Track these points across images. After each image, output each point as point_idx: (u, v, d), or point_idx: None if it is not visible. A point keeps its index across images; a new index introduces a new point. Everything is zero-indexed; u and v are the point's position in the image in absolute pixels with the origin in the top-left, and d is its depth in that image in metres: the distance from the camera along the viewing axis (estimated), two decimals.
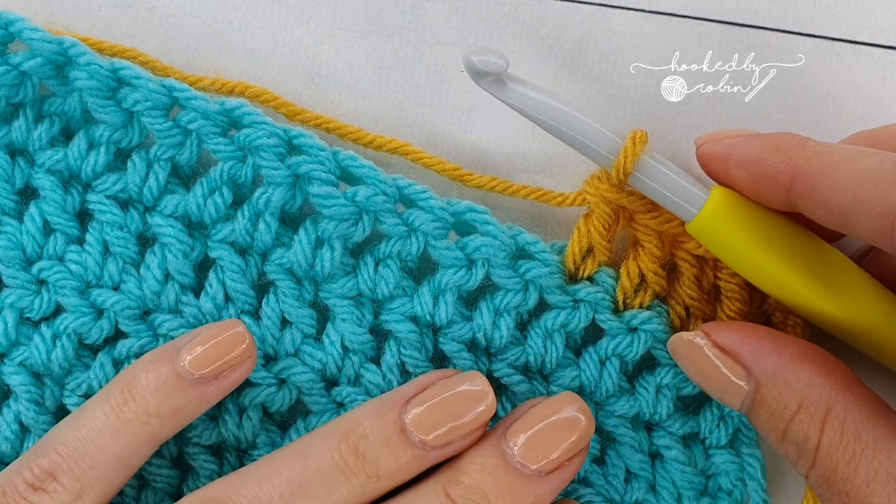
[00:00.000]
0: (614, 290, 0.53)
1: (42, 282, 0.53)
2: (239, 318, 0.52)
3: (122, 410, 0.48)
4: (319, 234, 0.51)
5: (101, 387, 0.52)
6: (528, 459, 0.48)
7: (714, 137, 0.50)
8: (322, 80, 0.55)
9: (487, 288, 0.53)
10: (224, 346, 0.49)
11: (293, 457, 0.48)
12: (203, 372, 0.48)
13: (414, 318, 0.53)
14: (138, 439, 0.48)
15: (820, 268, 0.48)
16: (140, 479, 0.53)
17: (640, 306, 0.53)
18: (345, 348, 0.53)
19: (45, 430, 0.51)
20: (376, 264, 0.52)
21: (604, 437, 0.55)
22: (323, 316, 0.53)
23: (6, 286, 0.53)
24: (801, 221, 0.48)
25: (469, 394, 0.49)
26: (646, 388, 0.53)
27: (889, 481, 0.43)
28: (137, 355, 0.52)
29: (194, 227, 0.53)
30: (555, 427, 0.49)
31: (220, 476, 0.52)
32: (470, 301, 0.53)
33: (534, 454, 0.48)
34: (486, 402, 0.49)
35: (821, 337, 0.51)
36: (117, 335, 0.53)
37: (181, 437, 0.53)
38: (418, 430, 0.48)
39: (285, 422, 0.54)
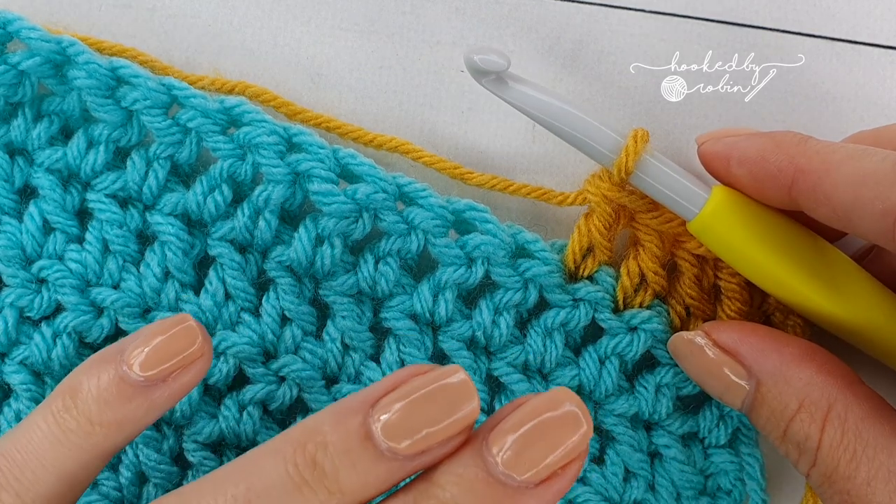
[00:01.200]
0: (614, 290, 0.53)
1: (42, 281, 0.53)
2: (239, 314, 0.53)
3: (63, 419, 0.44)
4: (319, 231, 0.51)
5: None
6: (514, 469, 0.40)
7: (715, 136, 0.50)
8: (322, 80, 0.55)
9: (487, 286, 0.53)
10: (172, 344, 0.45)
11: (242, 471, 0.41)
12: (149, 374, 0.44)
13: (414, 316, 0.53)
14: (83, 451, 0.44)
15: (821, 267, 0.48)
16: (140, 477, 0.53)
17: (641, 305, 0.53)
18: (345, 346, 0.53)
19: None
20: (376, 262, 0.52)
21: (603, 436, 0.55)
22: (323, 313, 0.53)
23: (6, 285, 0.53)
24: (802, 220, 0.48)
25: (448, 392, 0.41)
26: (645, 388, 0.53)
27: (890, 479, 0.43)
28: None
29: (194, 225, 0.53)
30: (545, 428, 0.40)
31: None
32: (470, 299, 0.53)
33: (521, 462, 0.40)
34: (470, 402, 0.41)
35: (821, 337, 0.51)
36: (118, 333, 0.53)
37: (181, 434, 0.53)
38: (388, 437, 0.40)
39: (285, 419, 0.54)
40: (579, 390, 0.53)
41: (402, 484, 0.42)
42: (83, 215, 0.53)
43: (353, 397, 0.42)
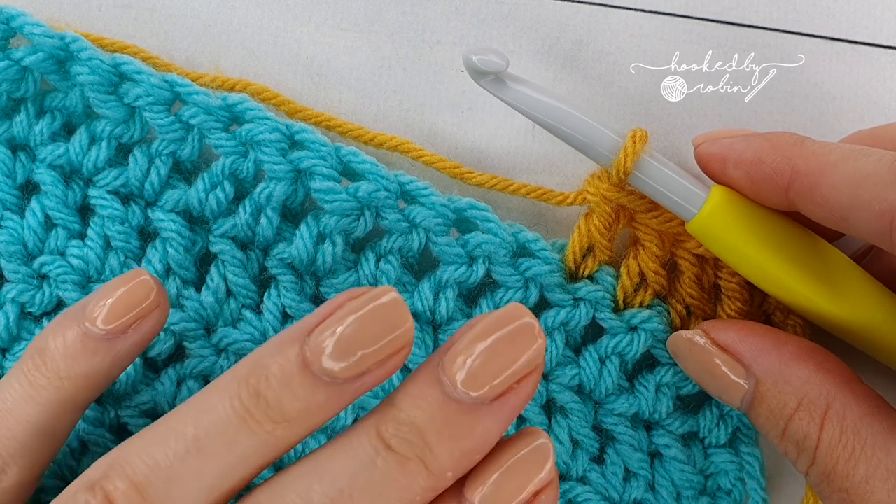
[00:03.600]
0: (614, 289, 0.53)
1: (43, 276, 0.53)
2: (241, 311, 0.53)
3: (34, 377, 0.46)
4: (321, 229, 0.51)
5: None
6: (469, 387, 0.40)
7: (712, 137, 0.50)
8: (322, 80, 0.55)
9: (488, 285, 0.53)
10: (130, 297, 0.46)
11: (190, 411, 0.42)
12: (110, 328, 0.46)
13: (414, 314, 0.53)
14: (55, 405, 0.46)
15: (820, 267, 0.48)
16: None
17: (641, 305, 0.53)
18: None
19: None
20: (377, 260, 0.52)
21: (603, 435, 0.55)
22: None
23: (7, 281, 0.53)
24: (800, 220, 0.48)
25: (381, 313, 0.41)
26: (645, 387, 0.53)
27: (888, 478, 0.43)
28: None
29: (196, 221, 0.53)
30: (498, 346, 0.41)
31: None
32: (470, 298, 0.53)
33: (475, 380, 0.40)
34: (404, 322, 0.41)
35: (821, 336, 0.51)
36: None
37: None
38: (323, 362, 0.40)
39: None
40: (579, 390, 0.54)
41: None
42: (85, 211, 0.53)
43: (290, 328, 0.42)
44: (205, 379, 0.53)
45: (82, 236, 0.53)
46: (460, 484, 0.42)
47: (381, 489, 0.40)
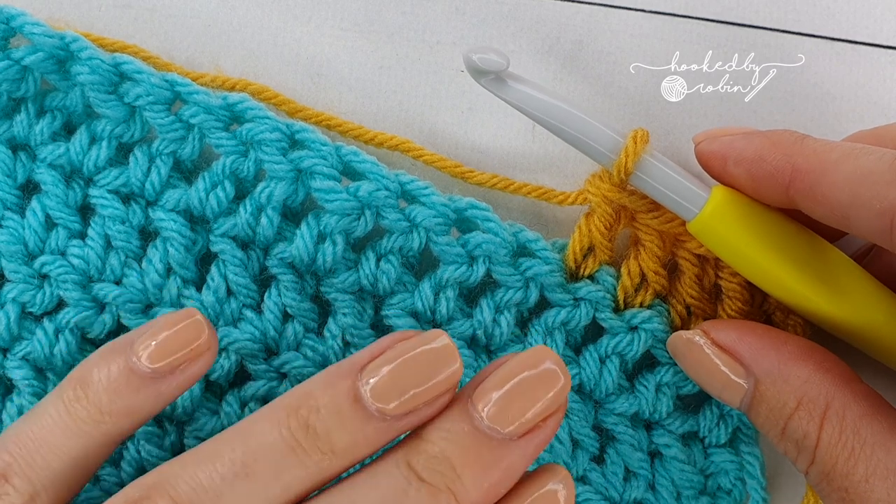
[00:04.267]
0: (615, 289, 0.53)
1: (44, 276, 0.53)
2: (241, 311, 0.53)
3: (74, 408, 0.45)
4: (321, 228, 0.51)
5: None
6: (498, 423, 0.43)
7: (712, 135, 0.50)
8: (322, 80, 0.55)
9: (488, 285, 0.53)
10: (180, 337, 0.46)
11: (238, 436, 0.43)
12: (157, 366, 0.45)
13: (415, 314, 0.53)
14: (92, 438, 0.45)
15: (821, 268, 0.48)
16: (142, 473, 0.53)
17: (641, 305, 0.53)
18: (346, 342, 0.53)
19: None
20: (378, 259, 0.52)
21: (603, 435, 0.55)
22: (324, 310, 0.53)
23: (8, 280, 0.53)
24: (800, 219, 0.48)
25: (432, 355, 0.43)
26: (645, 387, 0.53)
27: (888, 476, 0.43)
28: None
29: (196, 221, 0.53)
30: (526, 385, 0.43)
31: None
32: (471, 298, 0.54)
33: (504, 416, 0.43)
34: (453, 364, 0.43)
35: (821, 336, 0.51)
36: (119, 329, 0.53)
37: (182, 430, 0.53)
38: (376, 398, 0.43)
39: None
40: (580, 389, 0.54)
41: (392, 444, 0.44)
42: (85, 211, 0.53)
43: (342, 363, 0.45)
44: (205, 378, 0.53)
45: (83, 236, 0.53)
46: None
47: None
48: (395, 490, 0.42)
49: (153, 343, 0.46)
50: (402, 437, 0.45)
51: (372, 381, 0.43)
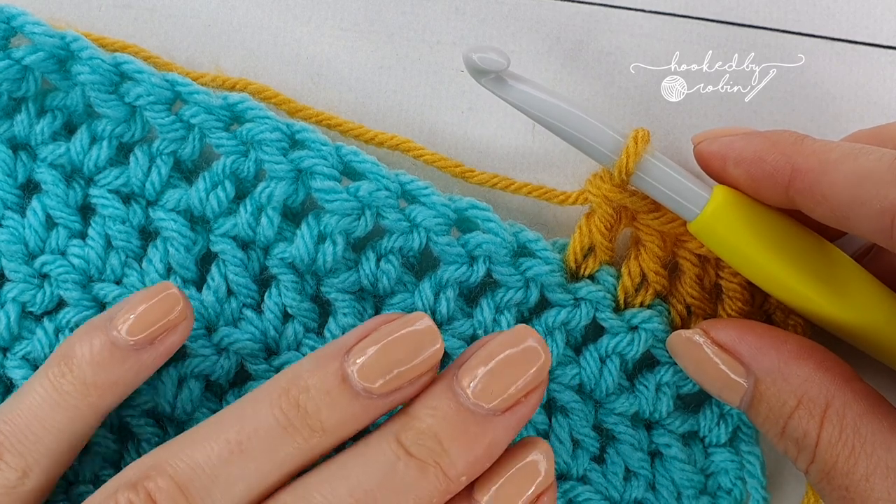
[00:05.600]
0: (615, 289, 0.53)
1: (44, 276, 0.53)
2: (242, 311, 0.53)
3: (60, 383, 0.47)
4: (322, 228, 0.51)
5: None
6: (482, 399, 0.45)
7: (711, 135, 0.50)
8: (322, 80, 0.55)
9: (489, 285, 0.53)
10: (157, 309, 0.48)
11: (232, 417, 0.46)
12: (137, 338, 0.47)
13: None
14: (79, 411, 0.47)
15: (822, 268, 0.48)
16: None
17: (641, 305, 0.53)
18: None
19: None
20: (378, 259, 0.52)
21: (603, 435, 0.55)
22: (324, 310, 0.53)
23: (8, 280, 0.53)
24: (800, 219, 0.48)
25: (414, 336, 0.46)
26: (646, 387, 0.53)
27: (888, 475, 0.43)
28: None
29: (196, 221, 0.53)
30: (508, 362, 0.46)
31: None
32: (471, 298, 0.54)
33: (488, 393, 0.45)
34: (434, 344, 0.46)
35: (821, 336, 0.51)
36: None
37: (182, 430, 0.53)
38: (362, 378, 0.45)
39: None
40: (580, 389, 0.54)
41: (381, 421, 0.47)
42: (86, 211, 0.53)
43: (329, 345, 0.47)
44: (206, 378, 0.53)
45: (83, 236, 0.53)
46: (469, 488, 0.46)
47: (402, 491, 0.44)
48: (385, 464, 0.45)
49: (132, 316, 0.47)
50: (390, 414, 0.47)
51: (358, 361, 0.45)
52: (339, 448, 0.47)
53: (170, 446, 0.46)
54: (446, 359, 0.53)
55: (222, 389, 0.53)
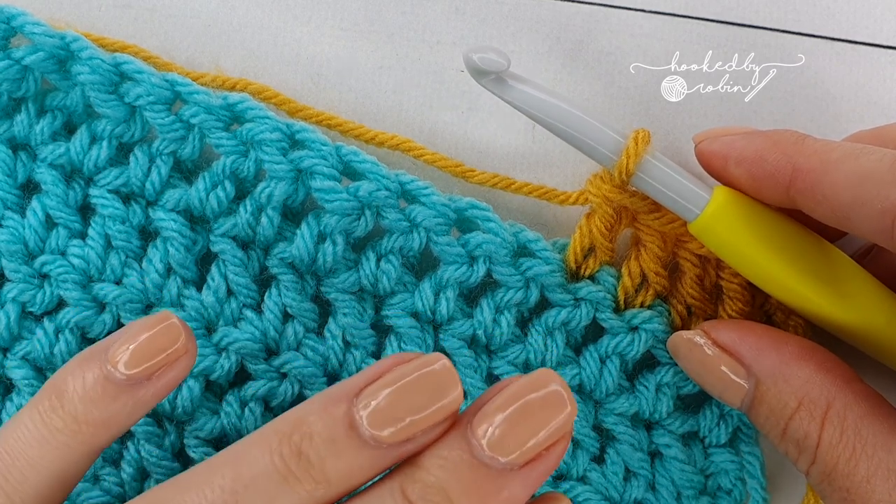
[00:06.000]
0: (615, 289, 0.53)
1: (44, 276, 0.53)
2: (241, 311, 0.53)
3: (50, 419, 0.44)
4: (322, 228, 0.51)
5: None
6: (498, 451, 0.40)
7: (712, 135, 0.50)
8: (322, 80, 0.55)
9: (489, 285, 0.53)
10: (156, 342, 0.44)
11: (229, 461, 0.42)
12: (133, 373, 0.44)
13: (415, 314, 0.53)
14: (70, 450, 0.44)
15: (823, 269, 0.48)
16: (142, 472, 0.53)
17: (642, 305, 0.53)
18: (346, 343, 0.53)
19: None
20: (378, 259, 0.52)
21: (603, 435, 0.55)
22: (324, 310, 0.53)
23: (8, 280, 0.53)
24: (801, 219, 0.48)
25: (432, 380, 0.41)
26: (646, 387, 0.53)
27: (889, 477, 0.43)
28: None
29: (196, 221, 0.53)
30: (529, 410, 0.40)
31: None
32: (471, 298, 0.54)
33: (504, 444, 0.40)
34: (453, 391, 0.41)
35: (822, 337, 0.51)
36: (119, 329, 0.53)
37: (182, 430, 0.53)
38: (371, 425, 0.40)
39: None
40: (580, 389, 0.54)
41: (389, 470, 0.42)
42: (86, 211, 0.53)
43: (338, 386, 0.42)
44: (205, 378, 0.53)
45: (83, 236, 0.53)
46: None
47: None
48: None
49: (128, 348, 0.44)
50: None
51: (368, 407, 0.41)
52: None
53: (163, 489, 0.42)
54: (450, 357, 0.53)
55: (222, 389, 0.53)
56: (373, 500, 0.41)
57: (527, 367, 0.53)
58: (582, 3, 0.55)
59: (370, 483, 0.42)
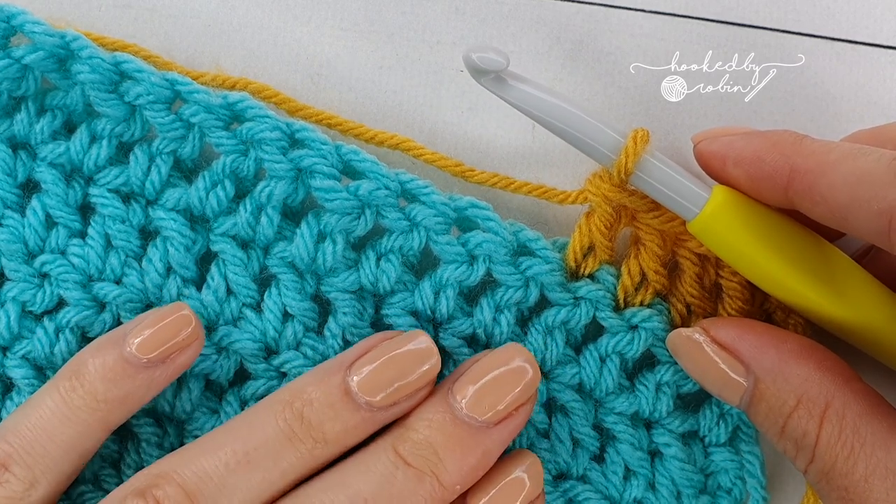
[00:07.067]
0: (615, 288, 0.53)
1: (44, 275, 0.53)
2: (241, 310, 0.53)
3: (70, 398, 0.48)
4: (321, 227, 0.51)
5: None
6: (476, 412, 0.48)
7: (711, 135, 0.50)
8: (322, 80, 0.55)
9: (488, 284, 0.53)
10: (170, 329, 0.49)
11: (238, 428, 0.48)
12: (150, 356, 0.49)
13: (415, 313, 0.53)
14: (88, 426, 0.48)
15: (822, 268, 0.48)
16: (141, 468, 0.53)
17: (641, 304, 0.53)
18: (346, 342, 0.53)
19: None
20: (378, 258, 0.52)
21: (603, 434, 0.55)
22: (324, 309, 0.53)
23: (8, 280, 0.53)
24: (800, 219, 0.48)
25: (413, 353, 0.49)
26: (645, 386, 0.53)
27: (888, 476, 0.43)
28: None
29: (196, 220, 0.53)
30: (500, 379, 0.49)
31: None
32: (471, 297, 0.53)
33: (481, 406, 0.48)
34: (431, 361, 0.49)
35: (821, 335, 0.51)
36: None
37: (182, 430, 0.53)
38: (363, 391, 0.48)
39: None
40: (580, 388, 0.54)
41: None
42: (86, 210, 0.53)
43: (331, 361, 0.50)
44: (205, 378, 0.53)
45: (83, 235, 0.53)
46: (462, 497, 0.50)
47: (400, 499, 0.47)
48: (383, 473, 0.47)
49: (146, 333, 0.49)
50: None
51: (360, 375, 0.48)
52: (339, 458, 0.49)
53: (177, 455, 0.48)
54: (447, 358, 0.53)
55: (222, 389, 0.53)
56: (369, 458, 0.48)
57: None
58: (582, 3, 0.55)
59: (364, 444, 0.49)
